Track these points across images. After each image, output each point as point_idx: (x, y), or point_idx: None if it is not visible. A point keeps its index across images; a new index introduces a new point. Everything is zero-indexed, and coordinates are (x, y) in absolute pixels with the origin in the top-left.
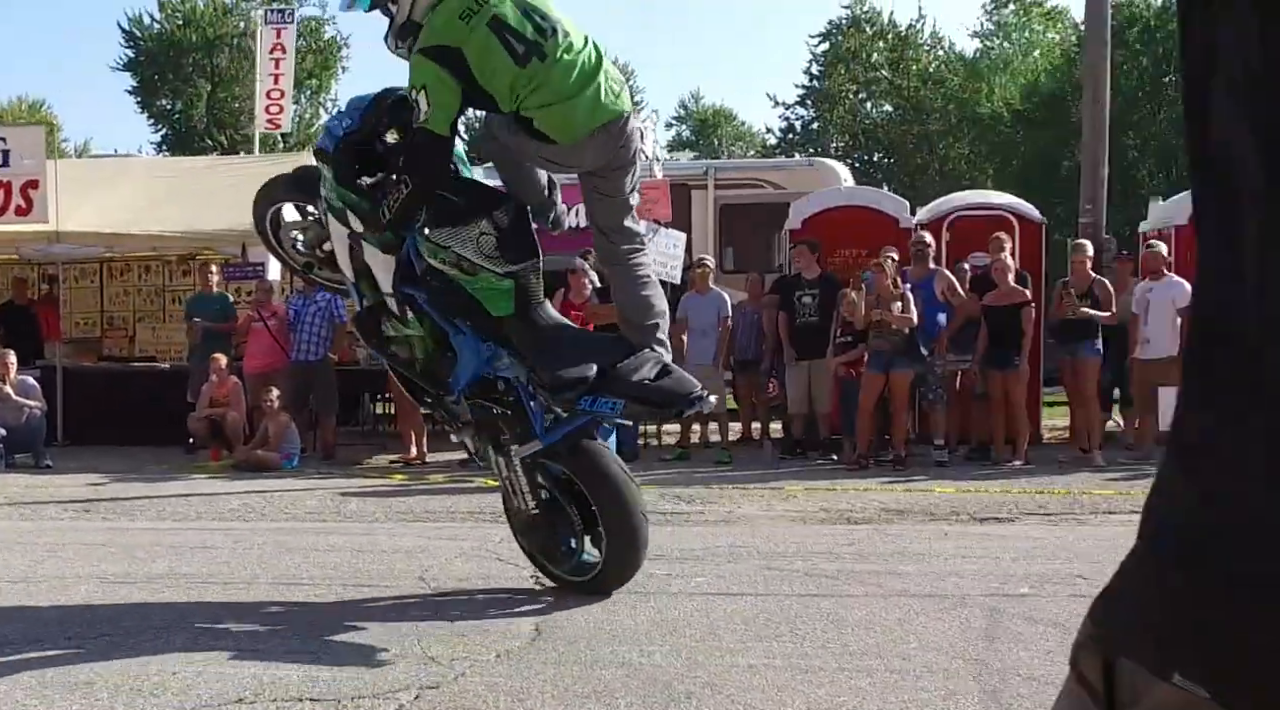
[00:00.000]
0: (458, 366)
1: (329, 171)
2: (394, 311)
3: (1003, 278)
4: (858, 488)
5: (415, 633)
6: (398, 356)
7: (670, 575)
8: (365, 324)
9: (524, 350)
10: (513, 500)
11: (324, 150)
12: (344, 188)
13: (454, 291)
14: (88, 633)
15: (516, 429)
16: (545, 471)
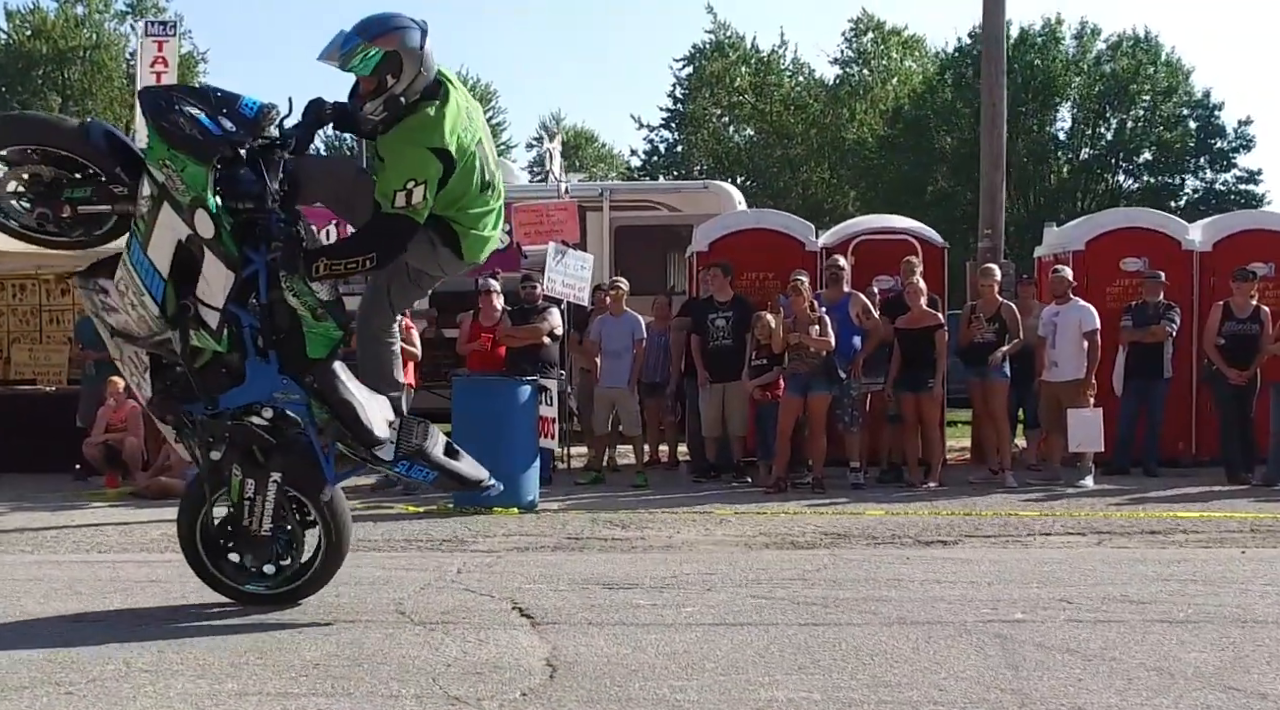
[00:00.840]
0: (241, 387)
1: (199, 167)
2: (204, 322)
3: (915, 301)
4: (787, 511)
5: (425, 670)
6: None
7: (656, 605)
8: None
9: (328, 395)
10: (243, 518)
11: (194, 140)
12: (224, 199)
13: (290, 328)
14: (79, 679)
15: (287, 460)
16: (288, 500)
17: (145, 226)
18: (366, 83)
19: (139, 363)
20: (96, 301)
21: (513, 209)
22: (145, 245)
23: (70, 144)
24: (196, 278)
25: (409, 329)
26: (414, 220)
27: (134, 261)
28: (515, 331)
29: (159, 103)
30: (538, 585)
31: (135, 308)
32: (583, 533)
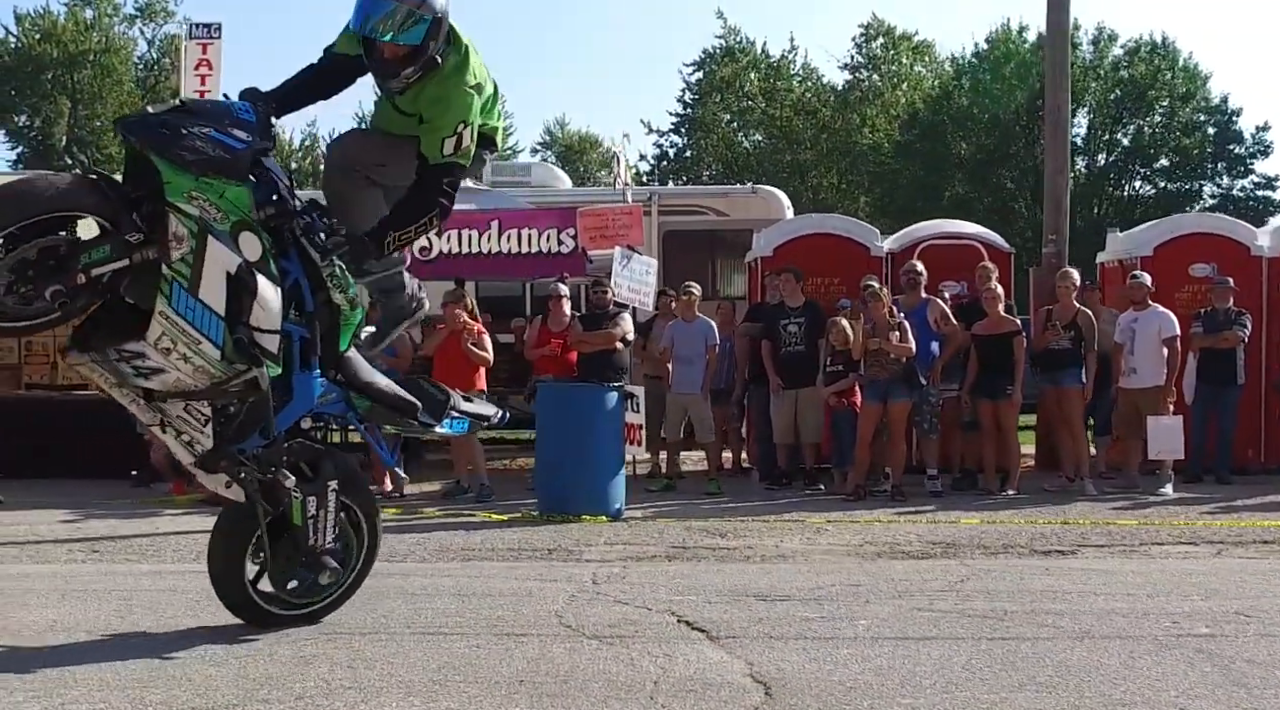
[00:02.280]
0: (290, 404)
1: (239, 188)
2: (266, 350)
3: (993, 307)
4: (880, 520)
5: (635, 687)
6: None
7: (824, 618)
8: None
9: (356, 382)
10: (309, 538)
11: (223, 159)
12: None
13: (329, 328)
14: (284, 695)
15: (335, 465)
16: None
17: (190, 268)
18: (399, 48)
19: (197, 417)
20: (126, 370)
21: (578, 213)
22: (195, 288)
23: (63, 204)
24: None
25: (481, 333)
26: (464, 165)
27: (180, 309)
28: (588, 337)
29: (159, 133)
30: (686, 597)
31: (190, 359)
32: (686, 542)
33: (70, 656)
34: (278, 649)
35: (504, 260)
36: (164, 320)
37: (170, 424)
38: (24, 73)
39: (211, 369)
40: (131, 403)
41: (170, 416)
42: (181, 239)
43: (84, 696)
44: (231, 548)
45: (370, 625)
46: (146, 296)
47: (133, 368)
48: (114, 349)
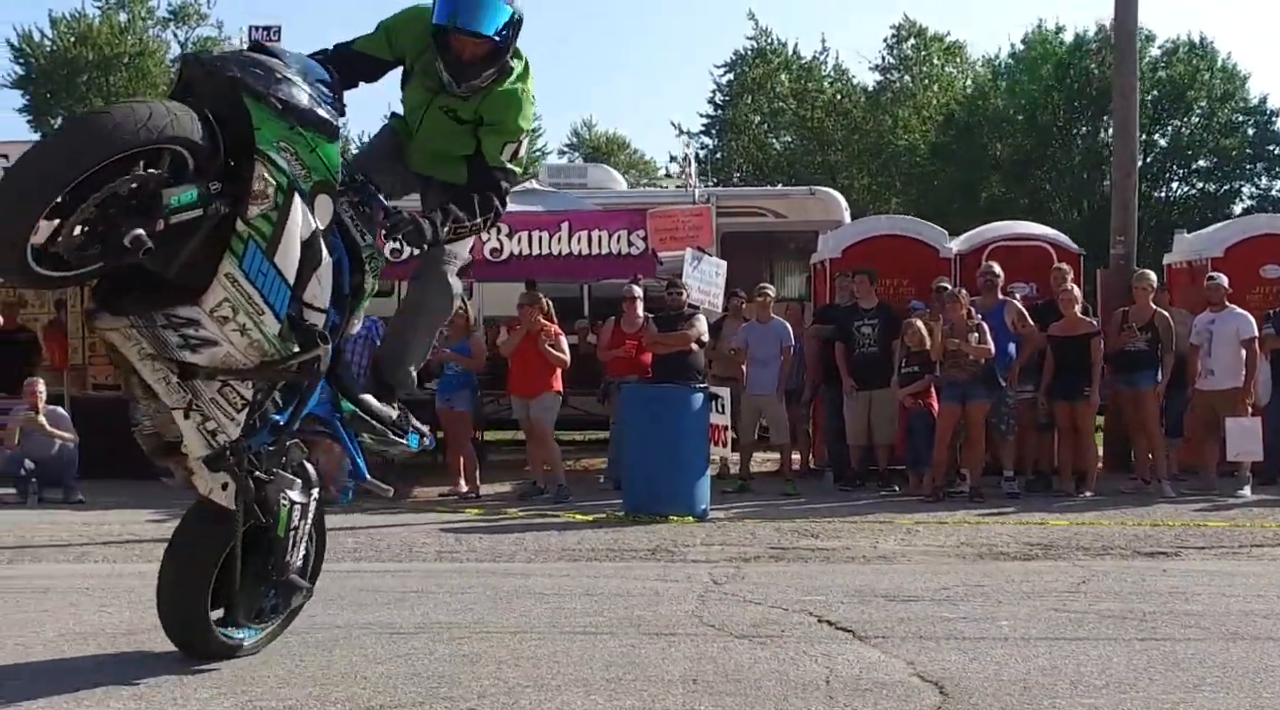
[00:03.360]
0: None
1: (331, 145)
2: (321, 331)
3: (1070, 308)
4: (968, 521)
5: (810, 685)
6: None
7: (964, 618)
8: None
9: (344, 383)
10: (287, 552)
11: (316, 111)
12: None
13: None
14: (467, 695)
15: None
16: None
17: (272, 227)
18: (481, 46)
19: (233, 401)
20: (171, 340)
21: (648, 215)
22: (272, 250)
23: (161, 136)
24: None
25: (557, 336)
26: (516, 173)
27: (252, 273)
28: (663, 338)
29: (252, 72)
30: (813, 597)
31: (248, 331)
32: (782, 542)
33: None
34: (436, 647)
35: (574, 262)
36: (230, 285)
37: (199, 408)
38: (59, 75)
39: (266, 345)
40: (160, 379)
41: (203, 399)
42: (266, 194)
43: (269, 693)
44: (193, 569)
45: (515, 625)
46: (166, 262)
47: (180, 337)
48: (161, 314)
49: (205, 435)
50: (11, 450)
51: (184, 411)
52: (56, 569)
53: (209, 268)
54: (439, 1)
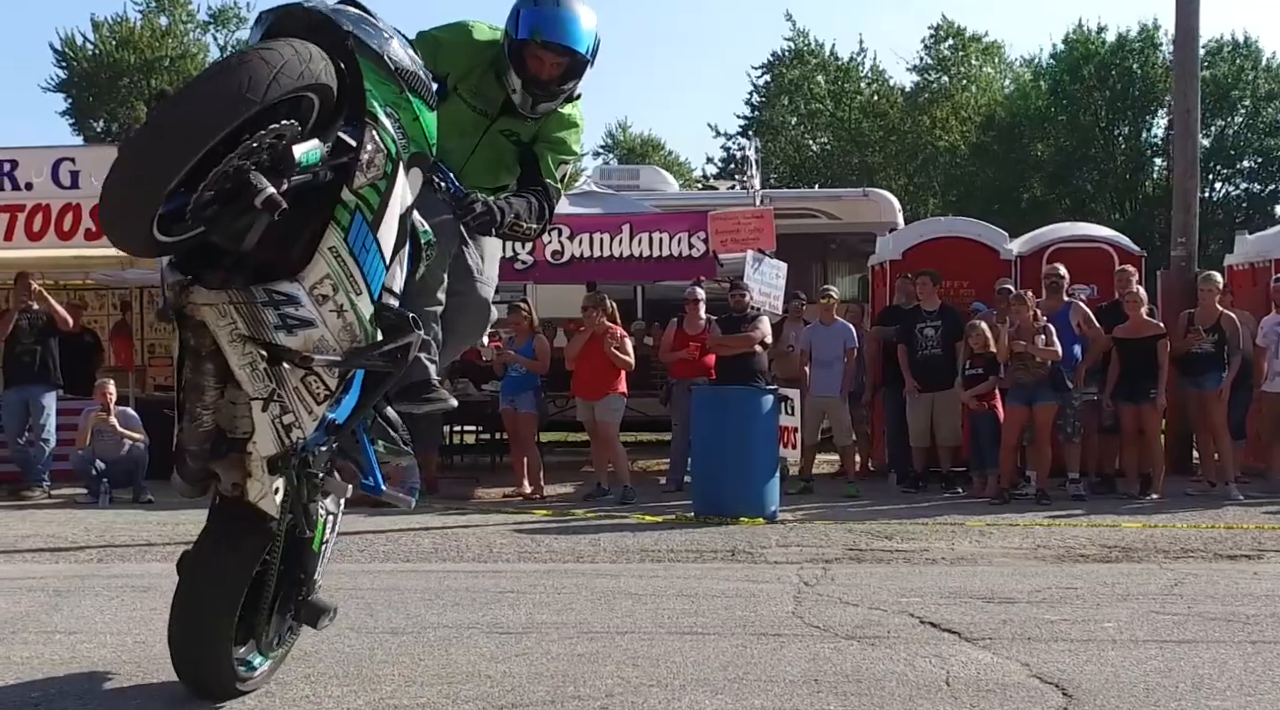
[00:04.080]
0: (349, 393)
1: (430, 114)
2: (416, 319)
3: (1135, 310)
4: (1040, 523)
5: (932, 686)
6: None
7: (1067, 620)
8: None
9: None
10: (316, 569)
11: (422, 77)
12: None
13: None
14: (594, 694)
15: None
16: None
17: (379, 197)
18: (562, 65)
19: (317, 392)
20: (270, 319)
21: (709, 217)
22: (377, 223)
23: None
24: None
25: (623, 337)
26: (560, 194)
27: (356, 248)
28: (727, 340)
29: (368, 28)
30: (908, 598)
31: (344, 313)
32: (858, 544)
33: (355, 651)
34: (549, 647)
35: (635, 264)
36: (333, 259)
37: (279, 399)
38: (101, 79)
39: (358, 329)
40: (247, 364)
41: (286, 388)
42: (375, 162)
43: (399, 691)
44: (221, 596)
45: (620, 625)
46: (234, 236)
47: (279, 316)
48: (262, 289)
49: (280, 431)
50: (82, 451)
51: (264, 402)
52: (148, 568)
53: (298, 241)
54: (522, 17)
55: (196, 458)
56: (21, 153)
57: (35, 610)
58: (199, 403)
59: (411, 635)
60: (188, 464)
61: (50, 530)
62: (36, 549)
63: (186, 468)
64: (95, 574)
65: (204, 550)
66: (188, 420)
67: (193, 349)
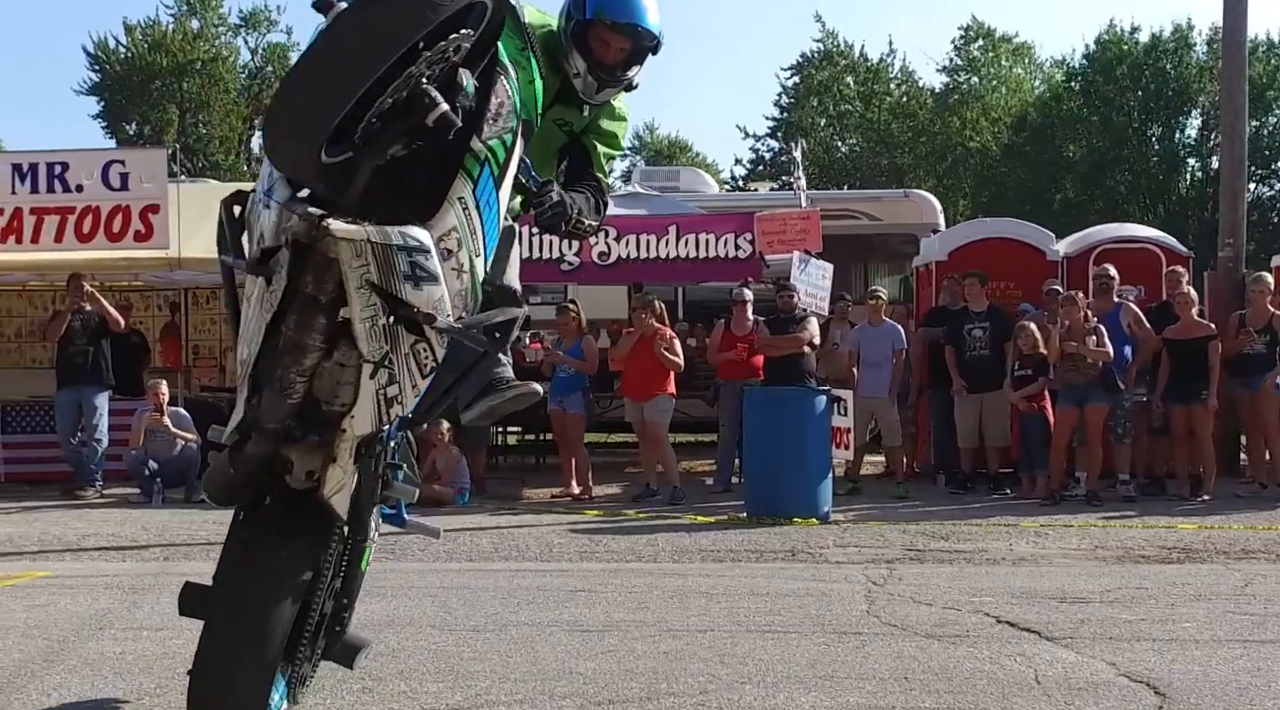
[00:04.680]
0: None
1: (541, 82)
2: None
3: (1186, 311)
4: (1095, 524)
5: (1024, 685)
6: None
7: (1145, 620)
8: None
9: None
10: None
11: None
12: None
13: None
14: (687, 690)
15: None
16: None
17: (505, 152)
18: (626, 48)
19: (423, 361)
20: (402, 267)
21: (755, 218)
22: (502, 179)
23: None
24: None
25: (672, 339)
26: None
27: (482, 202)
28: (776, 341)
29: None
30: (980, 598)
31: (462, 274)
32: (916, 544)
33: (442, 649)
34: (633, 645)
35: (681, 265)
36: (461, 211)
37: (389, 365)
38: (133, 82)
39: (468, 296)
40: (369, 318)
41: (399, 353)
42: (502, 113)
43: (494, 688)
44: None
45: (699, 624)
46: (341, 183)
47: (409, 265)
48: (398, 231)
49: (382, 405)
50: (136, 451)
51: (375, 367)
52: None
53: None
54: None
55: (268, 439)
56: (72, 155)
57: (116, 607)
58: (296, 366)
59: (494, 633)
60: (249, 450)
61: (109, 529)
62: (101, 547)
63: (245, 455)
64: (166, 572)
65: (241, 574)
66: (273, 390)
67: (305, 298)
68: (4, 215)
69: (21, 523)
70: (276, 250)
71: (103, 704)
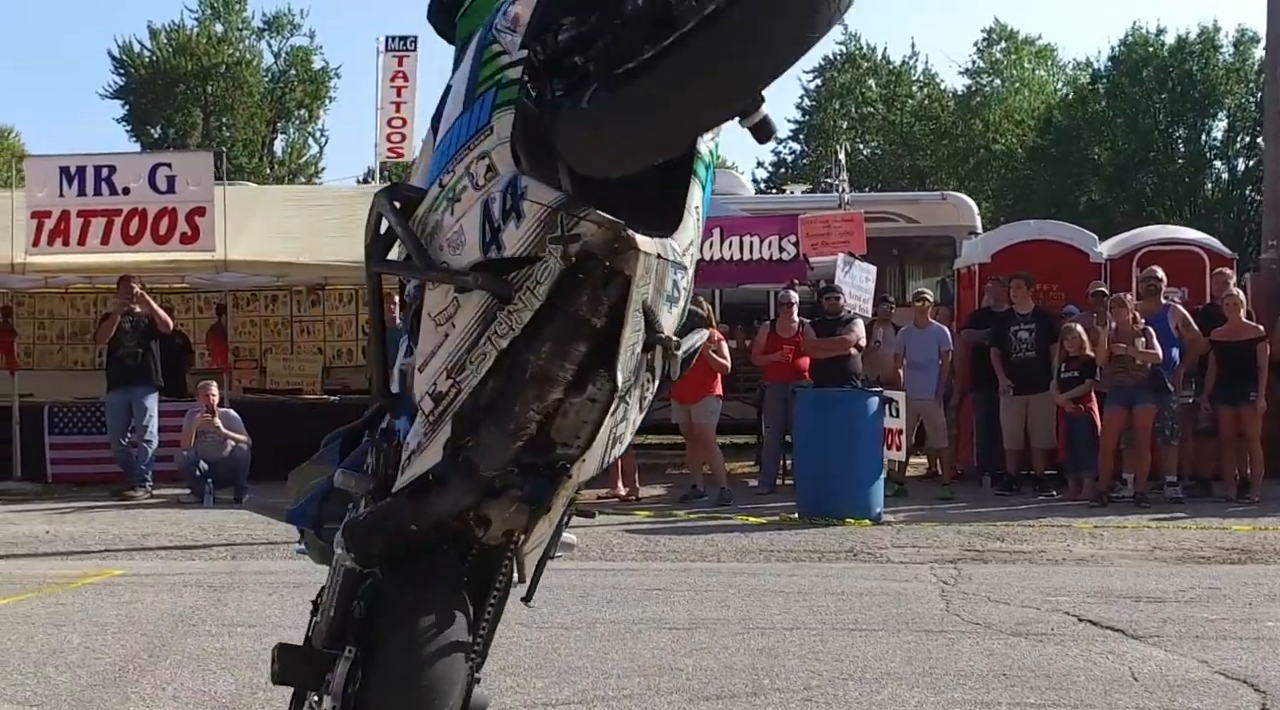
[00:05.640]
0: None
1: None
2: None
3: (1235, 313)
4: (1149, 525)
5: (1121, 682)
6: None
7: (1222, 619)
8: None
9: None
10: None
11: None
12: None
13: None
14: (775, 686)
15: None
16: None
17: (714, 158)
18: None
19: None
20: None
21: (799, 220)
22: (709, 189)
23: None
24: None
25: (720, 340)
26: None
27: (704, 212)
28: (823, 343)
29: None
30: (1055, 597)
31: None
32: (973, 545)
33: (538, 645)
34: (725, 641)
35: (726, 267)
36: (695, 223)
37: (626, 398)
38: (158, 85)
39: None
40: (633, 344)
41: (638, 383)
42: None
43: (600, 683)
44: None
45: (783, 621)
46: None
47: (673, 282)
48: (672, 245)
49: (610, 445)
50: (187, 452)
51: (619, 401)
52: (287, 565)
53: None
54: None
55: (474, 490)
56: (119, 158)
57: (202, 605)
58: (539, 402)
59: (583, 630)
60: (446, 504)
61: (166, 529)
62: (164, 547)
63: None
64: (238, 570)
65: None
66: (502, 430)
67: (572, 321)
68: (51, 218)
69: (80, 522)
70: (517, 261)
71: (216, 697)
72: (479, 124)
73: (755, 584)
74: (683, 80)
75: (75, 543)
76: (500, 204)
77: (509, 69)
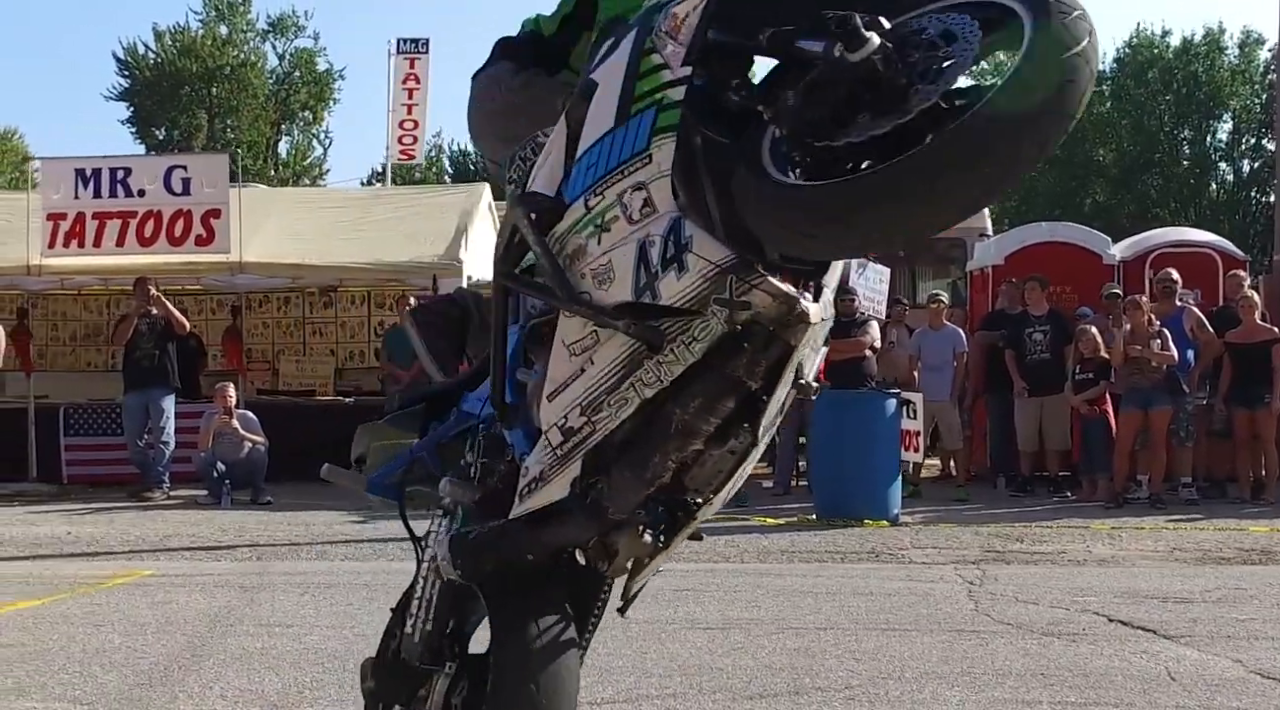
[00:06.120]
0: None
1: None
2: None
3: (1249, 315)
4: (1166, 527)
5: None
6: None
7: (1252, 619)
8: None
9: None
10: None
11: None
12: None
13: None
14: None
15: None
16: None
17: None
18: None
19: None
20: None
21: None
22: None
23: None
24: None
25: None
26: None
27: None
28: (838, 345)
29: None
30: (1084, 597)
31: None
32: (993, 546)
33: None
34: (761, 641)
35: None
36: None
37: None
38: (163, 87)
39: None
40: (783, 400)
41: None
42: None
43: (641, 682)
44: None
45: (817, 621)
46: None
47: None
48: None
49: (732, 488)
50: (205, 453)
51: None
52: (314, 566)
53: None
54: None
55: (598, 526)
56: (134, 161)
57: (235, 605)
58: (678, 453)
59: (618, 629)
60: (567, 534)
61: (187, 530)
62: (188, 548)
63: (557, 541)
64: (266, 571)
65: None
66: (637, 476)
67: (727, 383)
68: (67, 220)
69: (100, 524)
70: (670, 311)
71: (264, 695)
72: (636, 148)
73: (783, 585)
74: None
75: (98, 544)
76: (660, 251)
77: (670, 88)
